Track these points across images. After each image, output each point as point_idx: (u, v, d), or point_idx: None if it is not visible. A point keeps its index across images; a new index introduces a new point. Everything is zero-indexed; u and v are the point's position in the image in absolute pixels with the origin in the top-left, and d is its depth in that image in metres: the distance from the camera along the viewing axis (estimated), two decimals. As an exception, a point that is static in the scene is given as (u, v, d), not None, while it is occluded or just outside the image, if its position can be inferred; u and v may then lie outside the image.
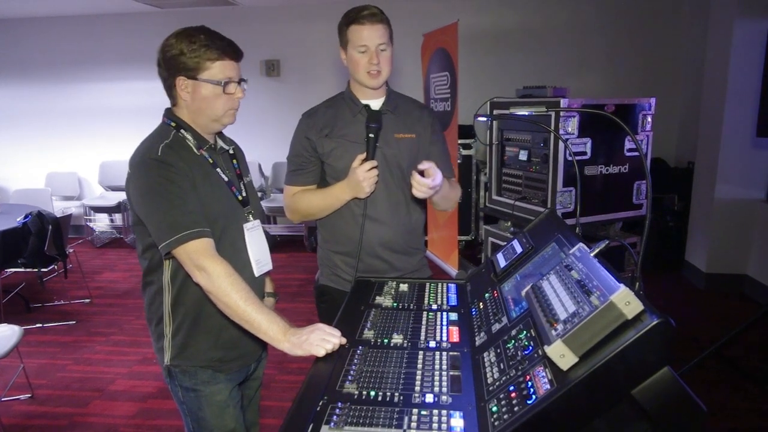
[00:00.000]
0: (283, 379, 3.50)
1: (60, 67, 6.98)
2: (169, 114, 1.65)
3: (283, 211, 6.54)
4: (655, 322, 0.93)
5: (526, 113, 1.64)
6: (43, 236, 4.35)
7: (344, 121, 1.97)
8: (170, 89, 1.60)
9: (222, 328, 1.65)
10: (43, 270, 4.54)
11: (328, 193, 1.98)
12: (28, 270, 4.54)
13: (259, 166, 6.83)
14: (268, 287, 1.92)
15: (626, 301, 0.97)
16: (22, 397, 3.37)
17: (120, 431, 3.02)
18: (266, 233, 1.81)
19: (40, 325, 4.44)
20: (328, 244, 2.08)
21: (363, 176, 1.86)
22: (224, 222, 1.63)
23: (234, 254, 1.64)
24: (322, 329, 1.46)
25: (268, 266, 1.79)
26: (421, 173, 1.79)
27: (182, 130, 1.61)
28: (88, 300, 4.98)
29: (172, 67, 1.55)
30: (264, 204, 6.30)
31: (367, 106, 1.96)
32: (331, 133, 1.97)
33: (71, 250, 4.93)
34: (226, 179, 1.66)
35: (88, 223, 6.97)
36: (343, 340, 1.44)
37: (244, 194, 1.72)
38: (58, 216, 4.58)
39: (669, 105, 5.99)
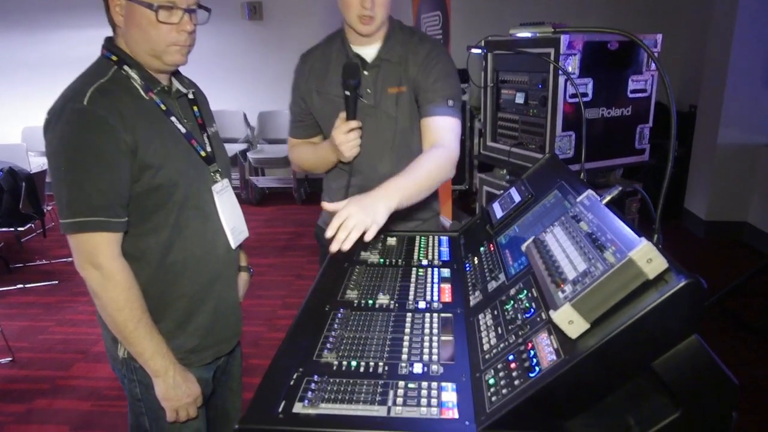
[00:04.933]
0: (271, 336, 3.40)
1: (32, 14, 6.60)
2: (109, 45, 1.33)
3: (271, 162, 6.40)
4: (683, 283, 0.78)
5: (529, 35, 1.44)
6: (16, 194, 4.15)
7: (334, 71, 1.73)
8: (106, 10, 1.29)
9: (192, 313, 1.44)
10: (19, 229, 4.36)
11: (316, 152, 1.82)
12: (3, 230, 4.36)
13: (245, 115, 6.57)
14: (242, 260, 1.71)
15: (648, 257, 0.82)
16: (2, 360, 3.25)
17: (104, 394, 2.92)
18: (253, 186, 1.61)
19: (21, 285, 4.29)
20: (327, 192, 1.92)
21: (341, 140, 1.63)
22: (185, 185, 1.34)
23: (203, 223, 1.41)
24: (193, 400, 1.40)
25: (245, 233, 1.56)
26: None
27: (126, 67, 1.29)
28: (70, 259, 4.80)
29: None
30: (251, 155, 6.08)
31: (358, 57, 1.72)
32: (320, 88, 1.76)
33: (49, 208, 4.75)
34: (183, 131, 1.37)
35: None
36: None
37: (208, 149, 1.43)
38: (32, 172, 4.37)
39: (672, 44, 5.70)
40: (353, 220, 1.28)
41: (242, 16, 6.31)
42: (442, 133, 1.67)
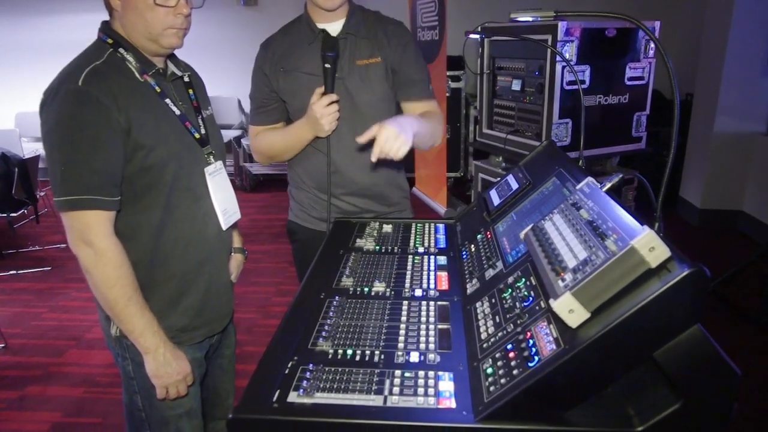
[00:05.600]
0: (266, 323, 3.39)
1: (26, -1, 6.51)
2: (105, 28, 1.34)
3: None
4: (686, 272, 0.76)
5: (530, 19, 1.41)
6: (9, 180, 4.11)
7: (301, 50, 1.74)
8: None
9: (182, 292, 1.45)
10: (12, 215, 4.32)
11: (289, 132, 1.78)
12: (-4, 215, 4.32)
13: (239, 101, 6.52)
14: (236, 242, 1.71)
15: (650, 246, 0.81)
16: (-6, 347, 3.24)
17: (97, 380, 2.91)
18: (247, 172, 1.60)
19: (14, 272, 4.27)
20: (294, 179, 1.91)
21: (321, 113, 1.62)
22: (177, 166, 1.36)
23: (194, 203, 1.43)
24: (183, 377, 1.41)
25: (237, 215, 1.58)
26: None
27: (121, 50, 1.31)
28: (63, 245, 4.77)
29: None
30: (245, 142, 6.04)
31: (323, 31, 1.71)
32: (287, 66, 1.74)
33: (42, 194, 4.71)
34: (178, 113, 1.38)
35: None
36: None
37: (202, 131, 1.45)
38: (25, 158, 4.32)
39: (667, 33, 5.69)
40: (398, 138, 1.46)
41: (237, 2, 6.24)
42: (435, 110, 1.83)
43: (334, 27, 1.73)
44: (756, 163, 4.63)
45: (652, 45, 3.07)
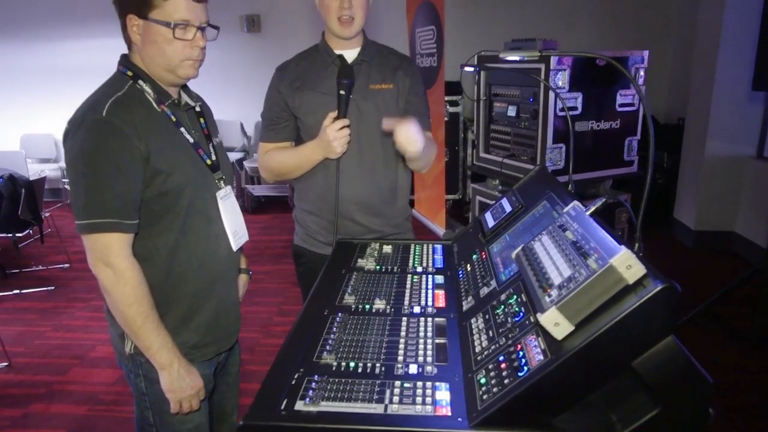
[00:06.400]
0: (267, 343, 3.44)
1: (31, 24, 6.64)
2: (124, 61, 1.43)
3: (267, 171, 6.42)
4: (659, 288, 0.84)
5: (518, 58, 1.51)
6: (16, 200, 4.19)
7: (317, 73, 1.85)
8: (123, 29, 1.39)
9: (195, 310, 1.51)
10: (17, 235, 4.39)
11: (299, 152, 1.88)
12: (1, 235, 4.39)
13: (241, 125, 6.64)
14: (242, 262, 1.79)
15: (627, 264, 0.88)
16: (-1, 365, 3.28)
17: (100, 398, 2.95)
18: (249, 194, 1.69)
19: (18, 291, 4.32)
20: (301, 204, 1.99)
21: (334, 136, 1.72)
22: (192, 191, 1.43)
23: (207, 226, 1.50)
24: (196, 392, 1.46)
25: (245, 237, 1.65)
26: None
27: (140, 81, 1.39)
28: (66, 265, 4.85)
29: (124, 1, 1.35)
30: (247, 164, 6.15)
31: (340, 57, 1.82)
32: (302, 86, 1.84)
33: (47, 214, 4.79)
34: (191, 141, 1.46)
35: (65, 186, 6.77)
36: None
37: (213, 158, 1.53)
38: (32, 179, 4.41)
39: (659, 60, 5.85)
40: (416, 134, 1.64)
41: (241, 28, 6.39)
42: (432, 140, 1.96)
43: (350, 54, 1.84)
44: (747, 185, 4.73)
45: (642, 73, 3.19)
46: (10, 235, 4.33)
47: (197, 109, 1.55)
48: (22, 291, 4.33)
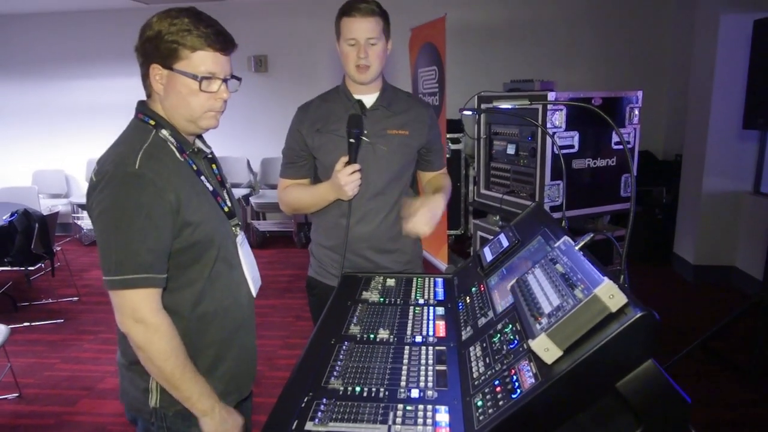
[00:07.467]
0: (272, 375, 3.49)
1: (45, 64, 6.90)
2: (144, 108, 1.41)
3: (272, 207, 6.57)
4: (638, 315, 0.93)
5: (510, 106, 1.63)
6: (29, 234, 4.31)
7: (336, 116, 1.95)
8: (144, 78, 1.37)
9: (220, 359, 1.49)
10: (30, 268, 4.49)
11: (314, 191, 1.97)
12: (14, 269, 4.49)
13: (248, 162, 6.80)
14: None
15: (610, 294, 0.97)
16: (9, 396, 3.34)
17: (109, 429, 3.00)
18: (254, 229, 1.75)
19: (28, 323, 4.40)
20: (317, 238, 2.10)
21: (345, 180, 1.81)
22: (219, 240, 1.42)
23: (230, 274, 1.49)
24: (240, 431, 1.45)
25: (259, 282, 1.65)
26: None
27: (163, 130, 1.37)
28: (76, 298, 4.94)
29: (148, 51, 1.33)
30: (253, 200, 6.28)
31: (359, 102, 1.94)
32: (322, 128, 1.95)
33: (58, 248, 4.89)
34: (210, 188, 1.44)
35: (75, 221, 6.90)
36: None
37: (229, 204, 1.52)
38: (44, 214, 4.53)
39: (656, 98, 6.02)
40: (428, 224, 1.86)
41: (249, 68, 6.62)
42: (446, 175, 2.17)
43: (369, 99, 1.96)
44: (746, 220, 4.82)
45: (636, 112, 3.32)
46: (23, 268, 4.44)
47: (209, 155, 1.55)
48: (33, 323, 4.41)
